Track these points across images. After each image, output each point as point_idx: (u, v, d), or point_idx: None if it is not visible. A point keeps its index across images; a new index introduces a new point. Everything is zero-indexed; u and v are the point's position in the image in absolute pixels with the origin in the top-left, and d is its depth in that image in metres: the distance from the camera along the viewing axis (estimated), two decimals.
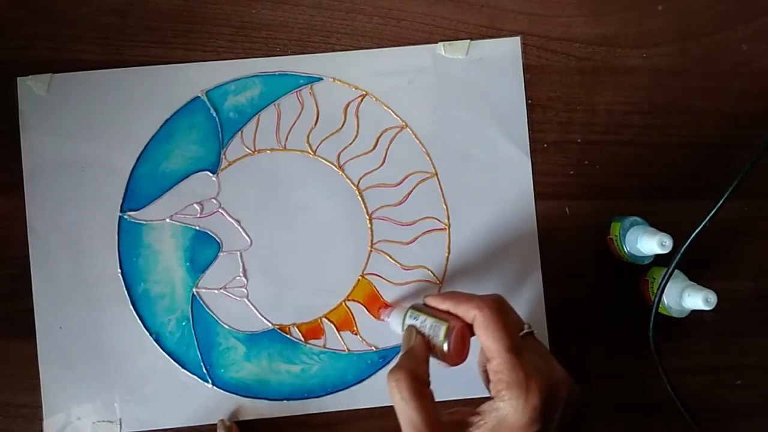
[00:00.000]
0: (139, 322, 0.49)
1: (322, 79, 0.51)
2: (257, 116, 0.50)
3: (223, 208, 0.50)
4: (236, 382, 0.49)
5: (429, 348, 0.39)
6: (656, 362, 0.46)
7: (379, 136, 0.51)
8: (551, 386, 0.37)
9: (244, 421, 0.49)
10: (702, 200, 0.50)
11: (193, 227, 0.50)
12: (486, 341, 0.37)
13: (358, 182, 0.50)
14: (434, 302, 0.41)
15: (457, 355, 0.39)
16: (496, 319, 0.37)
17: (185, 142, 0.50)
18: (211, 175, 0.50)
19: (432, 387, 0.38)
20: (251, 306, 0.49)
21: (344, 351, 0.50)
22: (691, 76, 0.52)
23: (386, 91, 0.51)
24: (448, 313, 0.40)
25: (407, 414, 0.36)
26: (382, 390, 0.49)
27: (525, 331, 0.38)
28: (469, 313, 0.38)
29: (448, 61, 0.51)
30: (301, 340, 0.50)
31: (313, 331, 0.50)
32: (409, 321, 0.41)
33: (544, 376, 0.36)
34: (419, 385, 0.37)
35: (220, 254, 0.50)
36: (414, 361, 0.38)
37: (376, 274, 0.50)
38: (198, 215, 0.50)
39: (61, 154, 0.50)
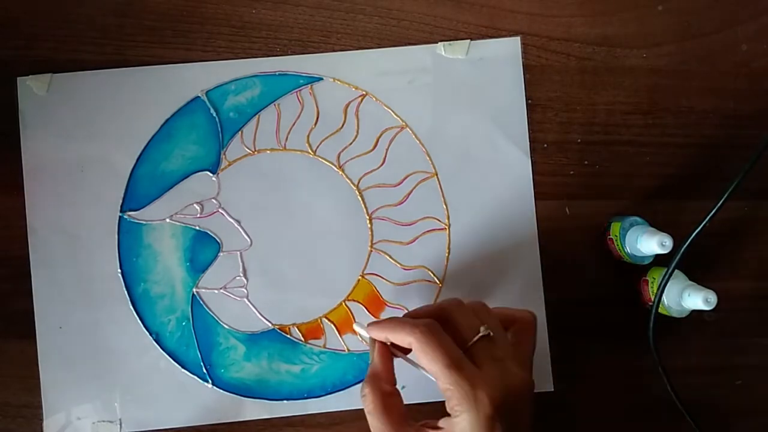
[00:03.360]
0: (139, 322, 0.49)
1: (322, 79, 0.51)
2: (257, 116, 0.50)
3: (223, 208, 0.50)
4: (236, 382, 0.49)
5: (391, 357, 0.41)
6: (656, 362, 0.46)
7: (379, 136, 0.51)
8: (505, 391, 0.37)
9: (244, 422, 0.49)
10: (702, 200, 0.50)
11: (193, 227, 0.50)
12: (426, 364, 0.38)
13: (358, 182, 0.50)
14: (374, 332, 0.41)
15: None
16: (430, 341, 0.37)
17: (185, 142, 0.50)
18: (211, 175, 0.50)
19: (405, 390, 0.39)
20: (251, 306, 0.49)
21: (344, 351, 0.50)
22: (691, 76, 0.52)
23: (386, 91, 0.51)
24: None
25: (374, 426, 0.39)
26: None
27: (479, 336, 0.39)
28: (405, 340, 0.39)
29: (448, 61, 0.51)
30: (301, 340, 0.50)
31: (313, 331, 0.50)
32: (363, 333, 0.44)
33: (494, 383, 0.37)
34: (384, 398, 0.39)
35: (220, 254, 0.50)
36: (377, 375, 0.40)
37: (376, 274, 0.50)
38: (198, 215, 0.50)
39: (61, 154, 0.50)
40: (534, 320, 0.43)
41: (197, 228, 0.50)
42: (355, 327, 0.45)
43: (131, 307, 0.49)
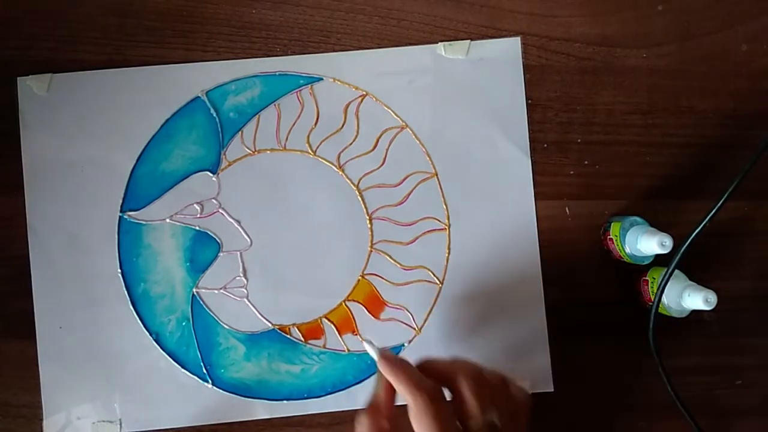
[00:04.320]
0: (139, 322, 0.49)
1: (322, 79, 0.51)
2: (257, 116, 0.50)
3: (223, 208, 0.50)
4: (236, 382, 0.49)
5: (395, 391, 0.39)
6: (656, 362, 0.46)
7: (379, 137, 0.51)
8: None
9: (244, 422, 0.49)
10: (702, 200, 0.50)
11: (193, 227, 0.50)
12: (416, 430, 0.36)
13: (358, 182, 0.50)
14: (382, 367, 0.39)
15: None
16: (427, 412, 0.36)
17: (185, 142, 0.50)
18: (211, 175, 0.50)
19: None
20: (251, 306, 0.49)
21: (344, 351, 0.50)
22: (691, 76, 0.52)
23: (386, 91, 0.51)
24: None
25: None
26: None
27: (485, 425, 0.37)
28: (405, 397, 0.37)
29: (448, 62, 0.51)
30: (301, 341, 0.50)
31: (312, 331, 0.50)
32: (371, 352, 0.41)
33: None
34: None
35: (220, 254, 0.50)
36: (377, 408, 0.39)
37: (376, 275, 0.50)
38: (198, 215, 0.50)
39: (61, 154, 0.50)
40: (529, 402, 0.41)
41: (197, 228, 0.50)
42: (365, 346, 0.42)
43: (131, 307, 0.49)
